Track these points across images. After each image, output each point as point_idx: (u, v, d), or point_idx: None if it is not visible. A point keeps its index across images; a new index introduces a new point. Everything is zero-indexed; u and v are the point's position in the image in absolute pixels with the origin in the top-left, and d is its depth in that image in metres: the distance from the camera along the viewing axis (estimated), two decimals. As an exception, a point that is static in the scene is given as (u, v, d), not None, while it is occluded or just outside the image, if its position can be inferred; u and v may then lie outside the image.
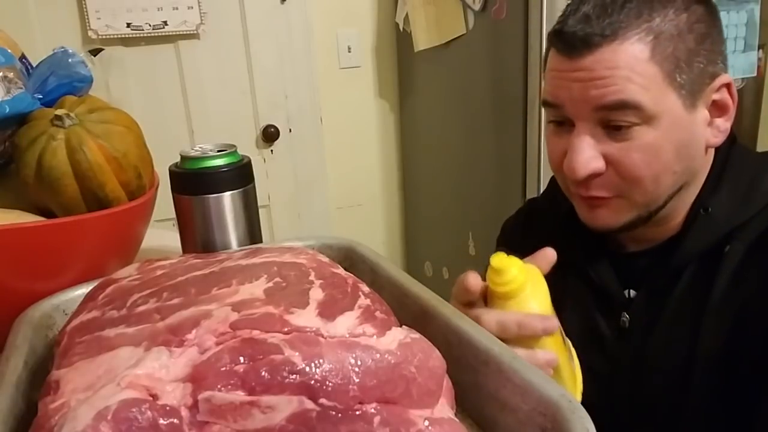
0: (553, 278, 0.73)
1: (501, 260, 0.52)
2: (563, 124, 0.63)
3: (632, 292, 0.68)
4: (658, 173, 0.60)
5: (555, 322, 0.52)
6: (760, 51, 1.50)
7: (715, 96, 0.61)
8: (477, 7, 1.52)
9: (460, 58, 1.67)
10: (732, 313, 0.60)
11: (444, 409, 0.37)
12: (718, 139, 0.63)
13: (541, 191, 0.94)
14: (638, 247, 0.69)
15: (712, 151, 0.65)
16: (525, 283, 0.53)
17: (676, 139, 0.60)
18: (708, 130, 0.62)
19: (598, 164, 0.60)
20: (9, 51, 0.65)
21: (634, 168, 0.60)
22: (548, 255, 0.58)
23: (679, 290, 0.64)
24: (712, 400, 0.61)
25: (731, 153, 0.66)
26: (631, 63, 0.57)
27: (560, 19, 0.61)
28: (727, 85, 0.62)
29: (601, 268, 0.69)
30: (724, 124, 0.63)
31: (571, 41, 0.59)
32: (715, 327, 0.60)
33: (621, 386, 0.67)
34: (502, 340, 0.43)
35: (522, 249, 0.80)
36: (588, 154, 0.60)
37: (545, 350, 0.52)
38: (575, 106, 0.60)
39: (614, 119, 0.58)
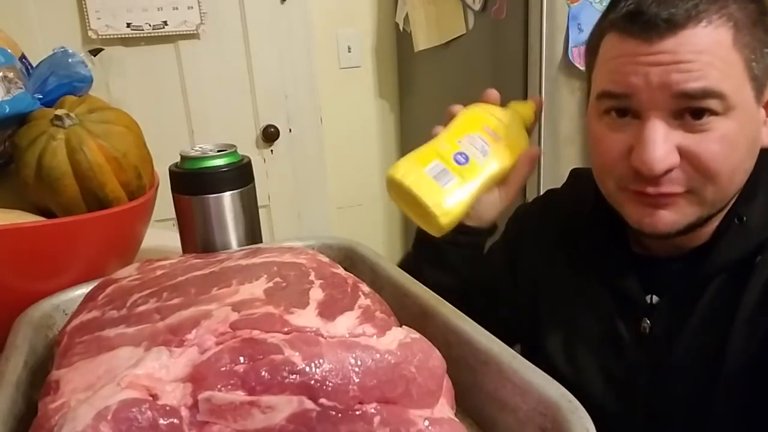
0: (573, 280, 0.72)
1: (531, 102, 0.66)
2: (624, 116, 0.59)
3: (655, 298, 0.65)
4: (734, 168, 0.57)
5: (496, 95, 0.64)
6: None
7: None
8: (477, 7, 1.52)
9: (460, 58, 1.67)
10: (762, 325, 0.58)
11: (444, 409, 0.37)
12: None
13: (541, 191, 0.92)
14: (666, 253, 0.66)
15: None
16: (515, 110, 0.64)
17: (748, 134, 0.56)
18: (764, 130, 0.59)
19: (675, 158, 0.56)
20: (9, 51, 0.65)
21: (712, 161, 0.55)
22: (533, 150, 0.62)
23: (706, 299, 0.61)
24: (734, 412, 0.60)
25: (766, 161, 0.62)
26: (714, 48, 0.53)
27: (625, 3, 0.57)
28: None
29: (623, 272, 0.67)
30: None
31: (653, 21, 0.54)
32: (744, 339, 0.59)
33: (639, 393, 0.65)
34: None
35: (535, 238, 0.79)
36: (666, 147, 0.55)
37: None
38: (651, 93, 0.55)
39: (694, 107, 0.54)
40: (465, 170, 0.55)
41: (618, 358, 0.67)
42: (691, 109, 0.54)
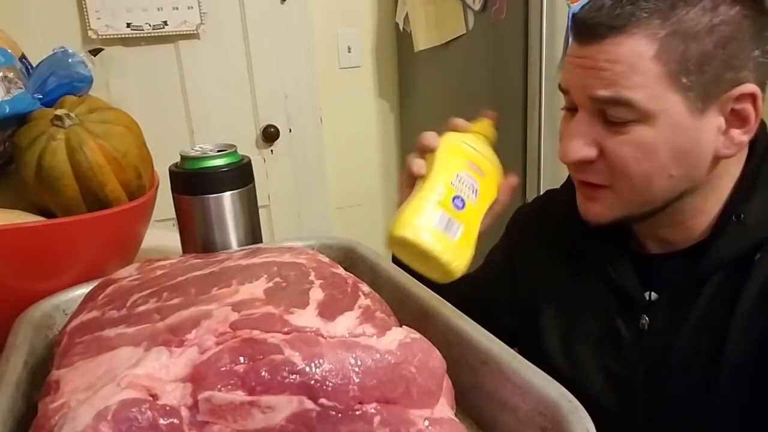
0: (573, 279, 0.72)
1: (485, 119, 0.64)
2: (574, 111, 0.63)
3: (653, 295, 0.66)
4: (649, 173, 0.59)
5: (465, 123, 0.63)
6: None
7: (736, 105, 0.58)
8: (477, 7, 1.52)
9: (460, 58, 1.67)
10: (761, 322, 0.58)
11: (444, 409, 0.37)
12: (731, 150, 0.59)
13: (541, 191, 0.93)
14: (663, 249, 0.67)
15: (730, 161, 0.62)
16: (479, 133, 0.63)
17: (674, 142, 0.58)
18: (720, 139, 0.59)
19: (589, 152, 0.60)
20: (9, 51, 0.65)
21: (623, 162, 0.59)
22: (511, 178, 0.63)
23: (704, 296, 0.62)
24: (733, 409, 0.60)
25: (766, 160, 0.63)
26: (632, 59, 0.56)
27: (584, 5, 0.61)
28: (753, 96, 0.58)
29: (621, 269, 0.68)
30: (740, 136, 0.59)
31: (580, 28, 0.59)
32: (743, 336, 0.59)
33: (638, 390, 0.66)
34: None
35: (534, 238, 0.79)
36: (579, 141, 0.60)
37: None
38: (576, 92, 0.61)
39: (610, 112, 0.58)
40: (464, 215, 0.55)
41: (617, 355, 0.67)
42: (607, 113, 0.58)
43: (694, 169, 0.60)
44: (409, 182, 0.60)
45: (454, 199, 0.54)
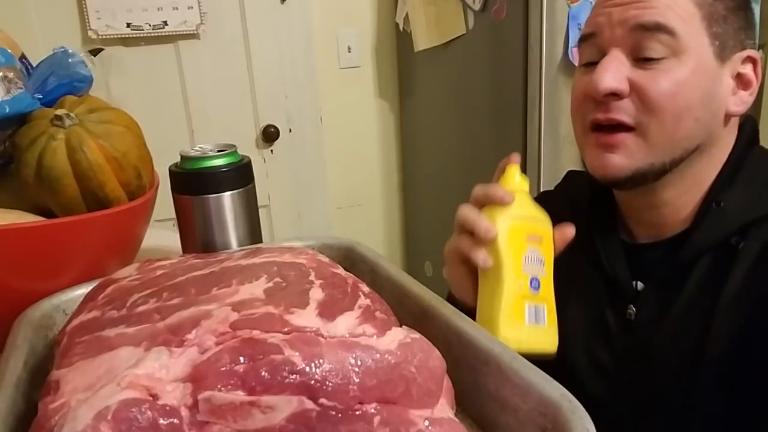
0: (565, 269, 0.73)
1: (513, 168, 0.63)
2: (595, 65, 0.64)
3: (640, 284, 0.67)
4: (680, 110, 0.61)
5: (512, 198, 0.59)
6: (761, 51, 1.50)
7: (741, 69, 0.63)
8: (477, 7, 1.52)
9: (460, 58, 1.67)
10: (744, 311, 0.59)
11: (444, 409, 0.37)
12: (740, 108, 0.64)
13: (541, 191, 0.93)
14: (649, 238, 0.69)
15: (733, 127, 0.66)
16: (521, 187, 0.62)
17: (702, 84, 0.61)
18: (731, 98, 0.63)
19: (623, 85, 0.61)
20: (9, 51, 0.65)
21: (658, 96, 0.60)
22: (565, 228, 0.61)
23: (689, 285, 0.63)
24: (719, 397, 0.61)
25: (750, 152, 0.66)
26: None
27: None
28: (754, 61, 0.64)
29: (613, 257, 0.69)
30: (748, 97, 0.64)
31: None
32: (726, 324, 0.60)
33: (626, 379, 0.67)
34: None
35: None
36: (614, 74, 0.61)
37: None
38: (612, 29, 0.62)
39: (647, 45, 0.60)
40: (542, 292, 0.57)
41: (606, 345, 0.68)
42: (645, 45, 0.60)
43: (713, 118, 0.63)
44: (462, 230, 0.61)
45: (531, 283, 0.56)
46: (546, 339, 0.57)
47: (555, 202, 0.80)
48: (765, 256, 0.60)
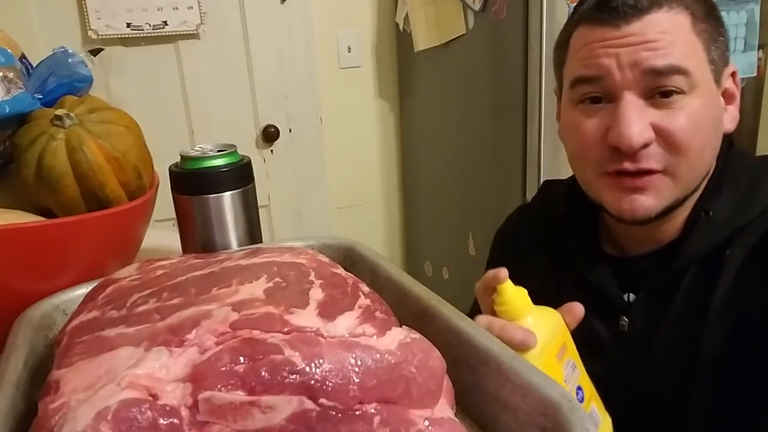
0: (549, 283, 0.73)
1: (505, 287, 0.55)
2: (598, 101, 0.62)
3: (631, 296, 0.67)
4: (703, 144, 0.60)
5: (535, 339, 0.51)
6: (760, 51, 1.50)
7: (726, 83, 0.63)
8: (477, 7, 1.52)
9: (460, 58, 1.67)
10: (733, 316, 0.60)
11: (444, 409, 0.37)
12: (732, 125, 0.64)
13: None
14: (638, 250, 0.68)
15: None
16: (524, 309, 0.54)
17: (711, 112, 0.61)
18: (725, 116, 0.64)
19: (651, 133, 0.59)
20: (9, 51, 0.65)
21: (684, 136, 0.59)
22: (575, 309, 0.56)
23: (680, 294, 0.63)
24: (713, 404, 0.61)
25: (730, 156, 0.66)
26: (676, 30, 0.58)
27: None
28: (733, 74, 0.64)
29: (599, 272, 0.69)
30: (735, 111, 0.64)
31: (620, 8, 0.59)
32: (717, 331, 0.60)
33: (621, 390, 0.66)
34: None
35: (514, 256, 0.80)
36: (641, 123, 0.59)
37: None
38: (623, 72, 0.59)
39: (663, 85, 0.59)
40: (587, 395, 0.56)
41: (599, 358, 0.68)
42: (660, 87, 0.59)
43: (719, 142, 0.63)
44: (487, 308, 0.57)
45: (577, 394, 0.55)
46: (606, 428, 0.56)
47: (532, 217, 0.81)
48: (750, 261, 0.60)
